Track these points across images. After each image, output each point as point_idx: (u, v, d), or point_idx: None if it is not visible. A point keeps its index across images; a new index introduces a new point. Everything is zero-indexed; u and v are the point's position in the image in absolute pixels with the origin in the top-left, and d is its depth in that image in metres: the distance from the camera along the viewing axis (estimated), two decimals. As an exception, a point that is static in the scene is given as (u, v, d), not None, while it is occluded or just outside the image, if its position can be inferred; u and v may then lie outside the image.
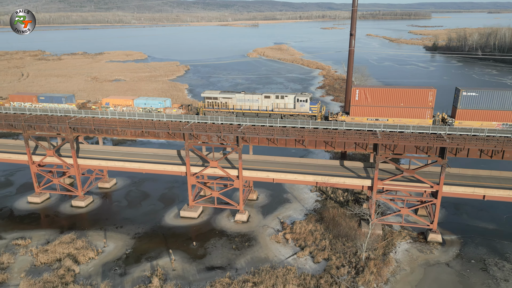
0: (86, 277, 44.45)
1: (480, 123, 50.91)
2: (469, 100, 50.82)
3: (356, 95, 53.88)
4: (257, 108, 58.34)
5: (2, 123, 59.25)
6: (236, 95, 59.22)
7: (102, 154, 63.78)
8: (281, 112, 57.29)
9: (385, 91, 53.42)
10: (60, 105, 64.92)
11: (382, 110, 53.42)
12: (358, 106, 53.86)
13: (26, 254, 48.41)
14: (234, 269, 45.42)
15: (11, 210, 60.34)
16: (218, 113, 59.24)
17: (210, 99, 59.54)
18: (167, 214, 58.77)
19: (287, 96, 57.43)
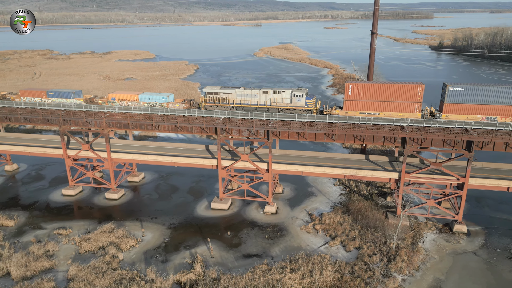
0: (130, 263, 46.71)
1: (466, 116, 53.78)
2: (455, 94, 53.55)
3: (349, 90, 56.69)
4: (256, 103, 61.51)
5: (39, 118, 61.70)
6: (236, 90, 62.63)
7: (132, 148, 66.04)
8: (278, 107, 60.64)
9: (376, 87, 56.57)
10: (69, 100, 67.89)
11: (374, 105, 56.48)
12: (351, 101, 56.85)
13: (69, 243, 50.75)
14: (270, 257, 47.58)
15: (47, 202, 62.68)
16: (218, 107, 62.38)
17: (211, 94, 62.85)
18: (198, 206, 61.06)
19: (284, 91, 61.12)
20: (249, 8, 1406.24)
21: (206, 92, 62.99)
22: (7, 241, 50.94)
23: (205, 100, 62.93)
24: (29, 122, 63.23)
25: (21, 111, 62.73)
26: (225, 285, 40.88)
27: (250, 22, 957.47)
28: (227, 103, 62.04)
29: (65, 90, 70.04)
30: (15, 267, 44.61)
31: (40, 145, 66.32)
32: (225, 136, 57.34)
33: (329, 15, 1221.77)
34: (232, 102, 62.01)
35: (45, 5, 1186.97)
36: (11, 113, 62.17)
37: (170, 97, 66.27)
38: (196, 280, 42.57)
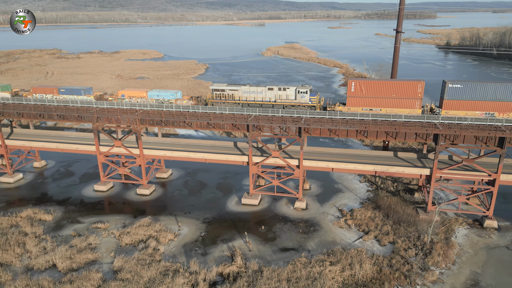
0: (171, 256, 47.93)
1: (465, 112, 55.39)
2: (455, 91, 54.97)
3: (352, 87, 58.50)
4: (261, 99, 63.65)
5: (74, 115, 63.00)
6: (242, 87, 64.70)
7: (162, 145, 67.26)
8: (283, 103, 62.55)
9: (378, 84, 58.43)
10: (79, 96, 69.76)
11: (376, 101, 58.31)
12: (354, 97, 58.72)
13: (108, 236, 52.07)
14: (306, 251, 48.72)
15: (81, 197, 64.03)
16: (225, 104, 64.24)
17: (218, 91, 64.66)
18: (228, 202, 62.26)
19: (289, 88, 63.01)
20: (251, 8, 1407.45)
21: (213, 89, 65.20)
22: (48, 234, 52.37)
23: (212, 97, 64.96)
24: (63, 119, 64.58)
25: (56, 108, 64.06)
26: (268, 277, 42.01)
27: (254, 22, 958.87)
28: (233, 100, 64.08)
29: (76, 87, 72.30)
30: (61, 260, 45.91)
31: (72, 142, 67.72)
32: (256, 133, 58.52)
33: (331, 14, 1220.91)
34: (238, 99, 64.14)
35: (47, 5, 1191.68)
36: (45, 111, 63.63)
37: (178, 94, 68.36)
38: (239, 272, 43.75)
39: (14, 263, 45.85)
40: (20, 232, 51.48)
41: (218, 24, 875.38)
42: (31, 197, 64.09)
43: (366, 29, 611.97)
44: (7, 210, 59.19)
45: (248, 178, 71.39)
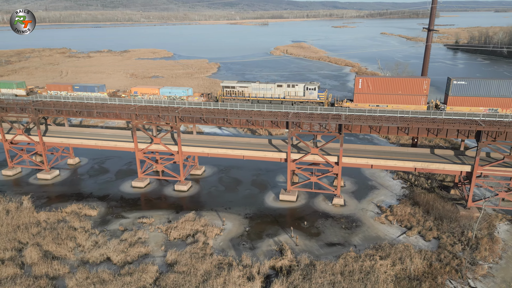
0: (220, 250, 48.90)
1: (469, 108, 57.22)
2: (459, 88, 56.94)
3: (359, 84, 60.19)
4: (271, 96, 65.51)
5: (113, 112, 63.99)
6: (251, 84, 66.15)
7: (197, 142, 68.13)
8: (292, 99, 64.26)
9: (385, 80, 60.44)
10: (93, 93, 71.42)
11: (382, 97, 60.13)
12: (361, 94, 60.53)
13: (155, 231, 53.06)
14: (353, 245, 49.59)
15: (120, 193, 65.08)
16: (235, 100, 65.73)
17: (228, 88, 66.52)
18: (266, 198, 63.13)
19: (298, 85, 64.85)
20: (252, 7, 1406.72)
21: (223, 86, 67.23)
22: (96, 229, 53.47)
23: (222, 94, 66.77)
24: (102, 116, 65.57)
25: (96, 106, 65.02)
26: (322, 270, 42.91)
27: (257, 21, 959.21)
28: (243, 97, 65.93)
29: (90, 85, 74.25)
30: (115, 253, 46.95)
31: (110, 139, 68.76)
32: (296, 130, 59.34)
33: (334, 14, 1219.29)
34: (248, 96, 65.97)
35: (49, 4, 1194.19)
36: (86, 108, 64.61)
37: (189, 91, 70.34)
38: (291, 266, 44.65)
39: (68, 257, 46.94)
40: (70, 227, 52.58)
41: (221, 24, 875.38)
42: (71, 193, 65.14)
43: (370, 28, 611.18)
44: (50, 205, 60.31)
45: (281, 175, 72.42)
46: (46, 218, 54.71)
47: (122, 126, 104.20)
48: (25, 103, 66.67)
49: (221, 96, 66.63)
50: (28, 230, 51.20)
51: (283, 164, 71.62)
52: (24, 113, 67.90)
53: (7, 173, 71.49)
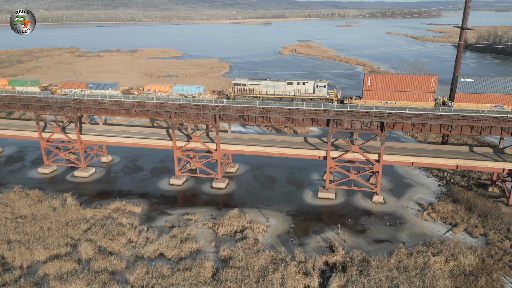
0: (269, 246, 49.45)
1: (476, 105, 58.22)
2: (466, 85, 58.08)
3: (368, 81, 61.75)
4: (281, 93, 66.54)
5: (153, 111, 64.52)
6: (262, 82, 67.67)
7: (233, 140, 68.56)
8: (302, 97, 65.58)
9: (393, 78, 61.90)
10: (107, 91, 72.57)
11: (391, 94, 61.52)
12: (370, 91, 62.03)
13: (202, 227, 53.67)
14: (401, 242, 50.08)
15: (159, 191, 65.64)
16: (246, 98, 66.84)
17: (239, 85, 67.60)
18: (304, 195, 63.67)
19: (308, 82, 65.96)
20: (253, 7, 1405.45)
21: (234, 84, 68.39)
22: (144, 225, 54.09)
23: (234, 91, 67.88)
24: (141, 115, 66.13)
25: (136, 104, 65.49)
26: (377, 266, 43.46)
27: (260, 21, 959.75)
28: (253, 94, 67.05)
29: (103, 82, 75.52)
30: (168, 249, 47.55)
31: (147, 137, 69.27)
32: (336, 128, 59.81)
33: (336, 13, 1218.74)
34: (259, 93, 67.05)
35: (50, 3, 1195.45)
36: (128, 107, 65.09)
37: (201, 89, 71.51)
38: (344, 262, 45.21)
39: (122, 252, 47.54)
40: (118, 223, 53.16)
41: (224, 23, 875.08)
42: (111, 191, 65.80)
43: (374, 27, 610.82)
44: (93, 202, 60.99)
45: (314, 173, 72.96)
46: (92, 214, 55.37)
47: (147, 124, 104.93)
48: (64, 102, 67.34)
49: (232, 93, 67.78)
50: (78, 227, 51.84)
51: (315, 162, 72.63)
52: (62, 111, 68.66)
53: (44, 171, 72.18)
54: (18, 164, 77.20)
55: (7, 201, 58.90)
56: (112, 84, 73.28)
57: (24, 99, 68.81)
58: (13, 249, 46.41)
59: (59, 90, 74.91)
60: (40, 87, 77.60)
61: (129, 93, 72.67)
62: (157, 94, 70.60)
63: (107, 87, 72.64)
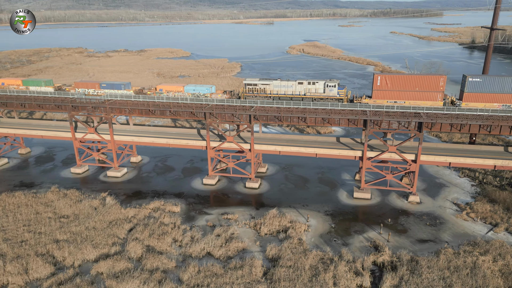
0: (314, 245, 49.77)
1: (484, 104, 59.56)
2: (474, 85, 59.45)
3: (378, 81, 63.08)
4: (291, 93, 67.68)
5: (189, 111, 64.86)
6: (273, 81, 68.74)
7: (264, 140, 68.86)
8: (312, 96, 66.58)
9: (403, 78, 63.38)
10: (119, 91, 73.47)
11: (400, 94, 62.76)
12: (380, 91, 63.32)
13: (243, 226, 54.05)
14: (444, 242, 50.33)
15: (193, 190, 66.06)
16: (257, 97, 67.91)
17: (250, 85, 68.71)
18: (339, 195, 63.97)
19: (318, 82, 67.17)
20: (254, 6, 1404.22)
21: (245, 84, 69.55)
22: (186, 224, 54.49)
23: (245, 91, 68.81)
24: (175, 115, 66.48)
25: (172, 105, 65.76)
26: (428, 265, 43.77)
27: (262, 20, 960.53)
28: (264, 94, 68.04)
29: (116, 82, 76.41)
30: (215, 248, 47.93)
31: (182, 138, 69.46)
32: (374, 129, 60.11)
33: (337, 13, 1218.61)
34: (270, 93, 68.02)
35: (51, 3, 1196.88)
36: (164, 107, 65.46)
37: (213, 88, 72.56)
38: (393, 262, 45.53)
39: (169, 251, 47.94)
40: (161, 223, 53.58)
41: (226, 23, 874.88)
42: (146, 190, 66.08)
43: (377, 27, 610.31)
44: (130, 202, 61.41)
45: (345, 172, 73.23)
46: (134, 214, 55.79)
47: (169, 124, 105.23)
48: (99, 102, 67.73)
49: (244, 93, 68.72)
50: (122, 226, 52.26)
51: (344, 162, 72.93)
52: (96, 111, 69.01)
53: (76, 171, 72.62)
54: (49, 164, 77.79)
55: (46, 201, 59.48)
56: (125, 84, 74.25)
57: (58, 100, 69.27)
58: (62, 248, 46.88)
59: (72, 90, 75.73)
60: (53, 87, 78.31)
61: (142, 93, 73.44)
62: (169, 94, 71.27)
63: (120, 87, 73.62)
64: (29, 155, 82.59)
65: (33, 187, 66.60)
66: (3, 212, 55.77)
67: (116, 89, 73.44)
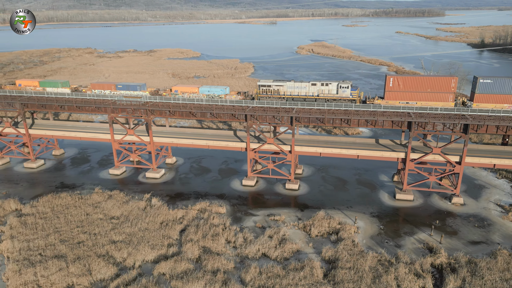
0: (367, 247, 50.02)
1: (494, 105, 60.87)
2: (485, 86, 60.71)
3: (390, 82, 64.40)
4: (305, 94, 68.91)
5: (230, 113, 65.22)
6: (287, 83, 70.07)
7: (305, 142, 69.02)
8: (325, 97, 67.84)
9: (415, 79, 64.34)
10: (135, 92, 74.30)
11: (412, 95, 63.98)
12: (392, 92, 64.61)
13: (293, 228, 54.34)
14: (495, 244, 50.60)
15: (234, 191, 66.43)
16: (271, 98, 68.91)
17: (264, 86, 69.97)
18: (381, 197, 64.19)
19: (331, 83, 68.53)
20: (254, 6, 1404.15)
21: (259, 85, 70.68)
22: (234, 225, 54.84)
23: (259, 92, 69.81)
24: (215, 117, 66.89)
25: (214, 107, 66.20)
26: (487, 267, 44.00)
27: (265, 20, 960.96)
28: (278, 95, 69.11)
29: (132, 84, 77.28)
30: (271, 250, 48.25)
31: (222, 139, 69.80)
32: (418, 131, 60.34)
33: (339, 12, 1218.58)
34: (283, 94, 68.95)
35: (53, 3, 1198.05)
36: (206, 109, 65.82)
37: (227, 90, 73.66)
38: (450, 263, 45.77)
39: (225, 252, 48.28)
40: (211, 224, 53.93)
41: (229, 22, 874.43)
42: (188, 192, 66.45)
43: (382, 27, 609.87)
44: (174, 203, 61.75)
45: (382, 174, 73.38)
46: (182, 215, 56.18)
47: (195, 126, 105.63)
48: (140, 104, 68.01)
49: (258, 94, 69.73)
50: (173, 227, 52.63)
51: (380, 163, 73.32)
52: (136, 113, 69.27)
53: (115, 172, 73.05)
54: (85, 165, 78.21)
55: (93, 202, 59.91)
56: (140, 86, 75.27)
57: (99, 102, 69.68)
58: (121, 249, 47.33)
59: (89, 91, 76.49)
60: (70, 88, 78.98)
61: (157, 94, 74.55)
62: (184, 95, 72.18)
63: (136, 88, 74.70)
64: (63, 157, 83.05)
65: (76, 188, 67.09)
66: (52, 213, 56.26)
67: (132, 90, 74.33)
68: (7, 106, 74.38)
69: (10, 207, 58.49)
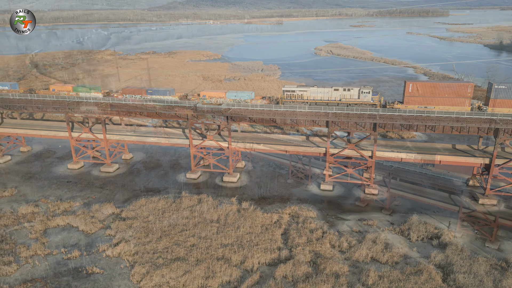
0: (472, 252, 50.94)
1: (508, 109, 64.05)
2: (500, 91, 64.46)
3: (410, 88, 68.18)
4: (328, 99, 71.96)
5: (310, 120, 66.69)
6: (310, 88, 73.27)
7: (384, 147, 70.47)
8: (347, 102, 70.83)
9: (433, 85, 69.06)
10: (165, 96, 76.79)
11: (430, 100, 67.65)
12: (411, 97, 68.16)
13: (389, 233, 55.42)
14: None
15: (314, 196, 67.81)
16: (294, 103, 71.58)
17: (288, 91, 72.87)
18: (463, 201, 65.48)
19: (353, 88, 71.96)
20: (256, 6, 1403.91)
21: (284, 90, 73.41)
22: (332, 230, 55.93)
23: (283, 97, 72.45)
24: (296, 123, 68.43)
25: (285, 113, 67.72)
26: None
27: (271, 20, 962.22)
28: (302, 100, 71.64)
29: (162, 89, 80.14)
30: (379, 254, 49.48)
31: (299, 145, 71.84)
32: (504, 136, 61.50)
33: (343, 12, 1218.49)
34: (307, 99, 71.98)
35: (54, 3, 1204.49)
36: (285, 116, 67.23)
37: (252, 95, 76.44)
38: None
39: (334, 256, 49.58)
40: (311, 228, 55.08)
41: (235, 23, 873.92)
42: (270, 196, 67.78)
43: (390, 27, 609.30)
44: (263, 206, 62.59)
45: (455, 178, 74.18)
46: (277, 218, 57.69)
47: (248, 130, 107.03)
48: (218, 110, 69.46)
49: (282, 99, 72.19)
50: (274, 231, 54.02)
51: (451, 169, 74.34)
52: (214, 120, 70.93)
53: (191, 176, 74.71)
54: (159, 169, 79.76)
55: (185, 206, 61.46)
56: (170, 90, 78.10)
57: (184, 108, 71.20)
58: (237, 252, 48.83)
59: (120, 96, 78.91)
60: (102, 93, 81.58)
61: (186, 99, 77.07)
62: (212, 99, 74.63)
63: (166, 93, 77.55)
64: (134, 161, 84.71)
65: (161, 192, 68.84)
66: (153, 217, 57.88)
67: (162, 95, 76.89)
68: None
69: (108, 211, 60.33)
